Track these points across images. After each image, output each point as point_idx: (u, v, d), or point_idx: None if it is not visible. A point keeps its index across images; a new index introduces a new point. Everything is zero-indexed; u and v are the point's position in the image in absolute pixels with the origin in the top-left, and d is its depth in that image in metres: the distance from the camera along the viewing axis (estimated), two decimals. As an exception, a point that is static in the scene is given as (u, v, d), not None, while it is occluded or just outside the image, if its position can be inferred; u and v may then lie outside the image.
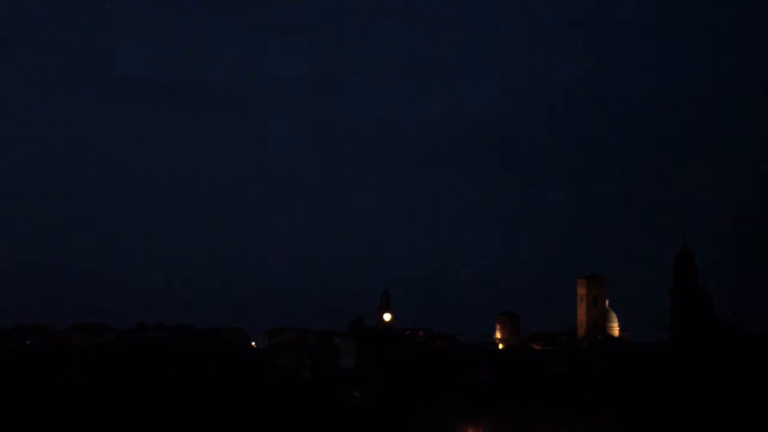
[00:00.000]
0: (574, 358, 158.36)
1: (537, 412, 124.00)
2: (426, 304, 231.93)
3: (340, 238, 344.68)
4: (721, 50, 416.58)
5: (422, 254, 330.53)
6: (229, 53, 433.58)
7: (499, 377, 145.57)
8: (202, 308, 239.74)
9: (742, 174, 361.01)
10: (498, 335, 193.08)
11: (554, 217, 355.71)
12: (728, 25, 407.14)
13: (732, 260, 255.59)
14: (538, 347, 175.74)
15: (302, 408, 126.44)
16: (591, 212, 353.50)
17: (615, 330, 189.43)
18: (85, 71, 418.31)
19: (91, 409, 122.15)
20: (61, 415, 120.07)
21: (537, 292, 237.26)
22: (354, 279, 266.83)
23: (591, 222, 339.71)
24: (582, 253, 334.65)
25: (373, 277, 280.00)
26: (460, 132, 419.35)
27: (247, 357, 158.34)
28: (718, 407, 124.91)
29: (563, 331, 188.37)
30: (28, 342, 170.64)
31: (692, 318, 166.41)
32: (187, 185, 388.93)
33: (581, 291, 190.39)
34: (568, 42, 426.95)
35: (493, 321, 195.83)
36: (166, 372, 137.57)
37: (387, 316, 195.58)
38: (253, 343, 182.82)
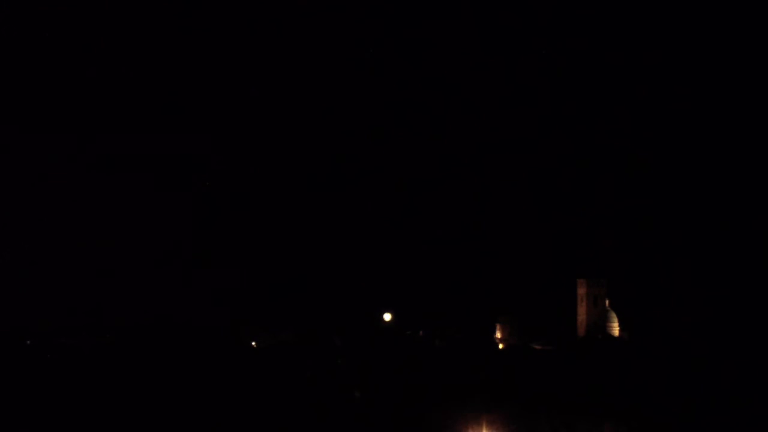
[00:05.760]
0: (574, 358, 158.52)
1: (537, 412, 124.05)
2: (426, 304, 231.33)
3: (339, 237, 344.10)
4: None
5: (422, 254, 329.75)
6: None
7: (499, 377, 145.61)
8: (202, 308, 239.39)
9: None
10: (498, 335, 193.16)
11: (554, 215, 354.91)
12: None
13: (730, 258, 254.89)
14: (538, 347, 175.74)
15: (302, 408, 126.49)
16: (592, 211, 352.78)
17: (615, 330, 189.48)
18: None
19: (91, 409, 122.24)
20: (60, 415, 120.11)
21: (537, 292, 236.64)
22: (355, 279, 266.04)
23: (591, 221, 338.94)
24: (582, 253, 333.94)
25: (373, 277, 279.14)
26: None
27: (247, 357, 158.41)
28: (719, 407, 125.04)
29: (563, 331, 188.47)
30: (28, 342, 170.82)
31: (691, 317, 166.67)
32: (185, 184, 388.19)
33: (581, 291, 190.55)
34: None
35: (493, 321, 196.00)
36: (165, 372, 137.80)
37: (387, 316, 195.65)
38: (253, 343, 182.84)
